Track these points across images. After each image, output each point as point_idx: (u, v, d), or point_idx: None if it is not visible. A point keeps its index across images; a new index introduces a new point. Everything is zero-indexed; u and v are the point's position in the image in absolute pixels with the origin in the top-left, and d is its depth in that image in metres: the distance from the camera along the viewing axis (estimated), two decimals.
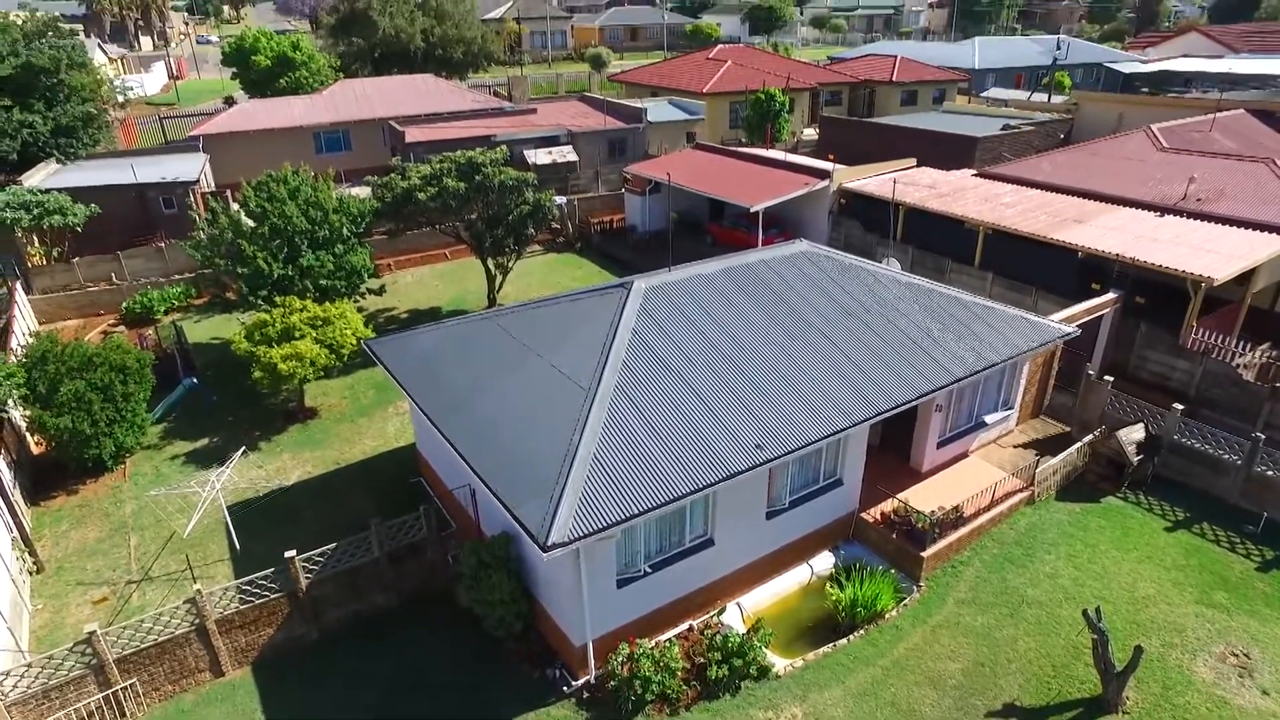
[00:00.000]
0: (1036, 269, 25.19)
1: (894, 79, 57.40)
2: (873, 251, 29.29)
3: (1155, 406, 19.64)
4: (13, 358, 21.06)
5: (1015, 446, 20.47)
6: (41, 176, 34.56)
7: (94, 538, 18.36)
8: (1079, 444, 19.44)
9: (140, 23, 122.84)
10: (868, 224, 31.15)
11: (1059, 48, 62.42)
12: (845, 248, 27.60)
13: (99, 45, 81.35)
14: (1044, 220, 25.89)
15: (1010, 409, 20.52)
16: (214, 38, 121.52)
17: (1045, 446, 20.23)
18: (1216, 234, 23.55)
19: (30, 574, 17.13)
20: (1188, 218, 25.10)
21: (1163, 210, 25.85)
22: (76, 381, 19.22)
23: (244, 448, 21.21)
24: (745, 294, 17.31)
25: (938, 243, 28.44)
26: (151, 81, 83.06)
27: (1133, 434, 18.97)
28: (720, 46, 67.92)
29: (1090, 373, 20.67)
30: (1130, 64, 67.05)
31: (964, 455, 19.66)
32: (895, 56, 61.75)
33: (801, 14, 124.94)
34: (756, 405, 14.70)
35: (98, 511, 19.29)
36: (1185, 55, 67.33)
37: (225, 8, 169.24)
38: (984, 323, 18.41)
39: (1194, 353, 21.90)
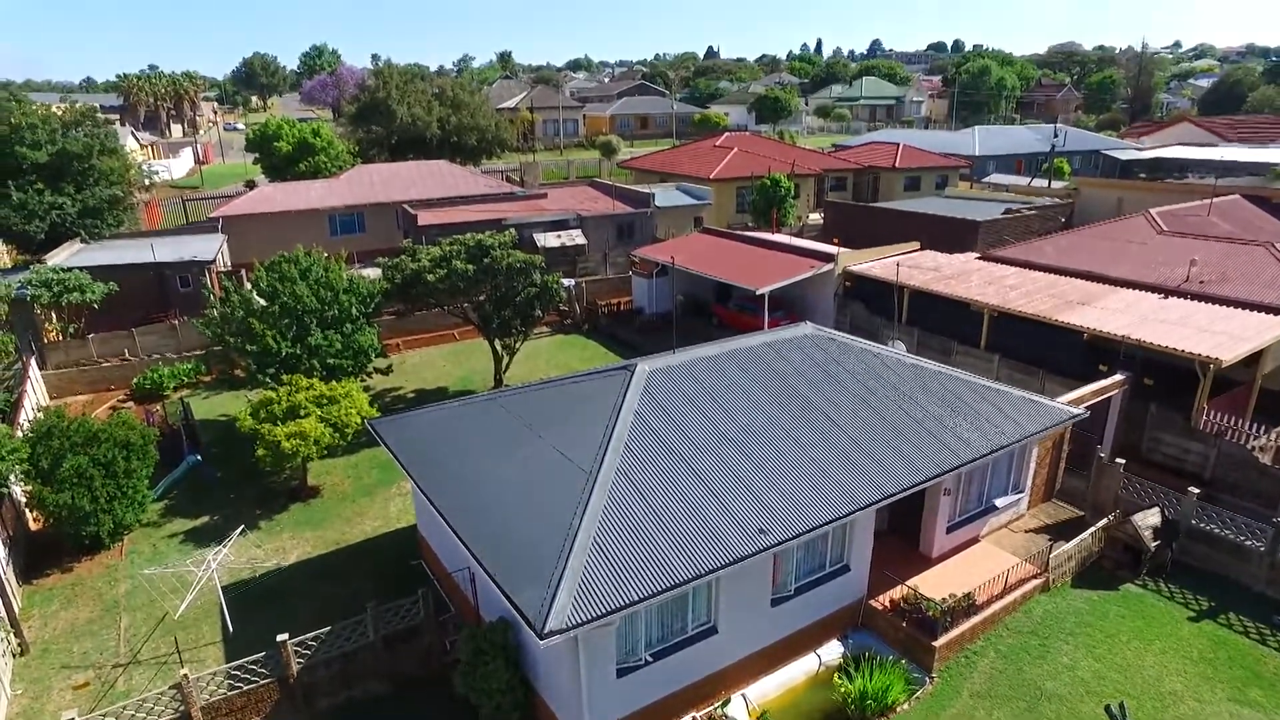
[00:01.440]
0: (1043, 351, 25.17)
1: (897, 165, 58.82)
2: (878, 334, 29.37)
3: (1170, 490, 19.24)
4: (19, 432, 21.11)
5: (1027, 531, 20.00)
6: (65, 255, 35.47)
7: (84, 618, 17.98)
8: (1093, 529, 18.98)
9: (173, 112, 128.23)
10: (873, 307, 31.36)
11: (1057, 135, 64.09)
12: (851, 330, 27.70)
13: (131, 132, 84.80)
14: (1049, 302, 26.01)
15: (1021, 492, 20.14)
16: (240, 125, 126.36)
17: (1058, 531, 19.76)
18: (1221, 316, 23.57)
19: (14, 656, 16.71)
20: (1192, 299, 25.22)
21: (1166, 292, 25.99)
22: (79, 457, 19.18)
23: (243, 526, 20.96)
24: (750, 377, 17.29)
25: (943, 325, 28.54)
26: (178, 166, 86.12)
27: (1148, 518, 18.52)
28: (727, 134, 69.99)
29: (1101, 455, 20.36)
30: (1127, 151, 68.76)
31: (975, 540, 19.20)
32: (898, 144, 63.40)
33: (806, 104, 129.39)
34: (761, 489, 14.48)
35: (90, 590, 18.95)
36: (1180, 144, 69.11)
37: (253, 97, 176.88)
38: (991, 405, 18.26)
39: (1207, 435, 21.60)
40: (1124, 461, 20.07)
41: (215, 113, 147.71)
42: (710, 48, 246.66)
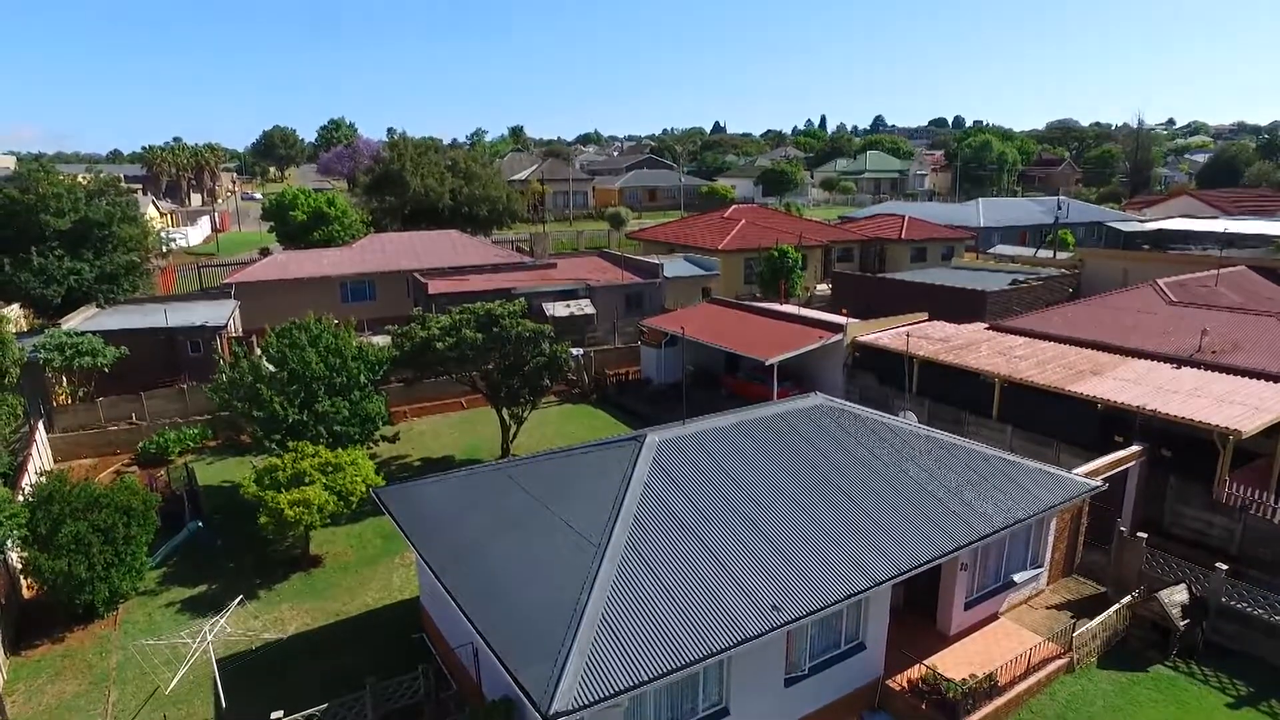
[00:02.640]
0: (1056, 421, 24.85)
1: (903, 237, 59.43)
2: (888, 404, 29.14)
3: (1197, 566, 18.66)
4: (20, 497, 20.88)
5: (1048, 608, 19.36)
6: (80, 320, 35.83)
7: (71, 691, 17.40)
8: (1117, 606, 18.35)
9: (193, 181, 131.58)
10: (882, 377, 31.21)
11: (1059, 207, 64.95)
12: (861, 401, 27.48)
13: (152, 201, 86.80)
14: (1060, 372, 25.82)
15: (1040, 567, 19.57)
16: (258, 195, 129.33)
17: (1081, 608, 19.11)
18: (1237, 386, 23.30)
19: None
20: (1205, 369, 24.98)
21: (1179, 362, 25.81)
22: (79, 523, 18.89)
23: (241, 596, 20.47)
24: (761, 448, 17.04)
25: (954, 396, 28.32)
26: (195, 233, 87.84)
27: (1175, 595, 17.91)
28: (735, 206, 71.12)
29: (1122, 529, 19.84)
30: (1129, 223, 69.63)
31: (994, 617, 18.58)
32: (903, 216, 64.14)
33: (812, 177, 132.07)
34: (773, 564, 14.08)
35: (80, 662, 18.40)
36: (1181, 216, 69.94)
37: (271, 168, 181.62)
38: (1007, 477, 17.91)
39: (1231, 508, 21.07)
40: (1146, 535, 19.55)
41: (234, 183, 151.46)
42: (717, 123, 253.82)
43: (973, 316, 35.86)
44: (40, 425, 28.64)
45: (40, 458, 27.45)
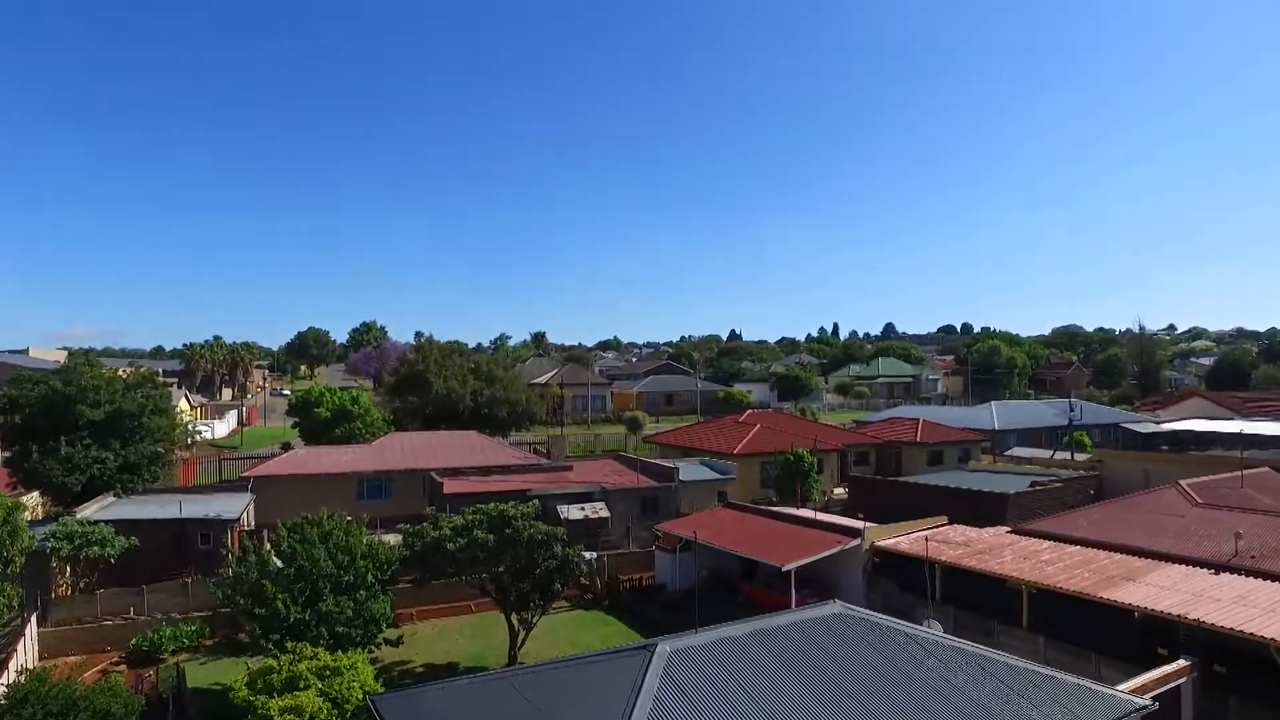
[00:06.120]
0: (1091, 631, 23.58)
1: (919, 439, 59.60)
2: (911, 612, 27.88)
3: None
4: None
5: None
6: (96, 508, 35.98)
7: None
8: None
9: (226, 377, 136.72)
10: (904, 583, 30.15)
11: (1073, 409, 65.35)
12: (882, 609, 26.36)
13: (185, 394, 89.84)
14: (1090, 578, 24.88)
15: None
16: (286, 391, 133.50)
17: None
18: None
19: None
20: (1246, 575, 23.98)
21: (1216, 567, 24.88)
22: None
23: None
24: (777, 659, 16.23)
25: (979, 603, 27.20)
26: (222, 426, 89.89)
27: None
28: (750, 411, 72.17)
29: None
30: (1145, 424, 69.75)
31: None
32: (918, 419, 64.56)
33: (826, 382, 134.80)
34: None
35: None
36: (1196, 417, 70.10)
37: (303, 366, 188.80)
38: (1044, 693, 16.73)
39: None
40: None
41: (265, 379, 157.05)
42: (733, 330, 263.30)
43: (994, 520, 35.17)
44: (33, 618, 27.88)
45: (25, 654, 26.45)
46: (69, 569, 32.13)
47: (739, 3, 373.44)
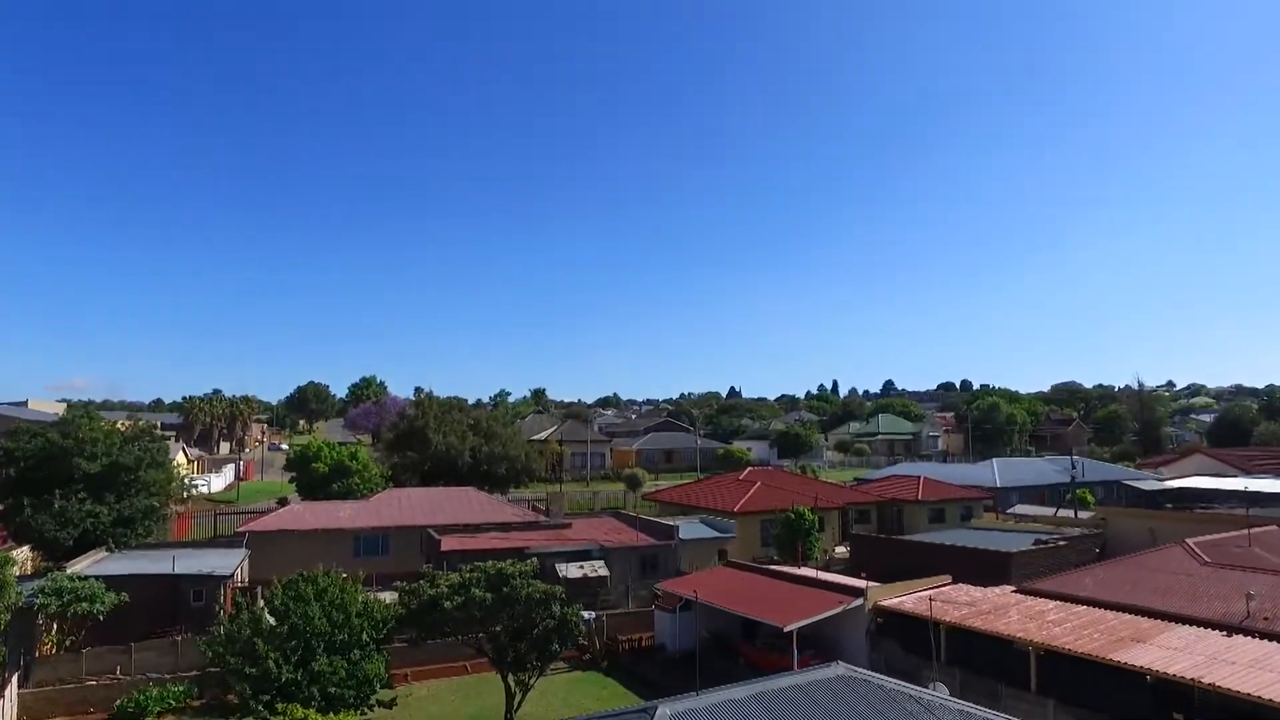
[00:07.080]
0: (1102, 694, 23.07)
1: (920, 498, 59.06)
2: (916, 674, 27.27)
3: None
4: None
5: None
6: (87, 564, 35.44)
7: None
8: None
9: (224, 430, 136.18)
10: (907, 644, 29.57)
11: (1074, 466, 64.87)
12: (886, 670, 25.79)
13: (183, 448, 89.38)
14: (1099, 639, 24.41)
15: None
16: (284, 445, 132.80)
17: None
18: None
19: None
20: (1261, 638, 23.48)
21: (1228, 629, 24.42)
22: None
23: None
24: None
25: (986, 664, 26.65)
26: (218, 481, 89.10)
27: None
28: (750, 469, 71.69)
29: None
30: (1148, 481, 69.21)
31: None
32: (919, 477, 64.09)
33: (826, 439, 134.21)
34: None
35: None
36: (1198, 474, 69.63)
37: (302, 421, 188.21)
38: None
39: None
40: None
41: (263, 433, 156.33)
42: (732, 388, 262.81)
43: (998, 579, 34.65)
44: (14, 679, 27.22)
45: (4, 717, 25.74)
46: (56, 626, 31.50)
47: (745, 78, 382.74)
